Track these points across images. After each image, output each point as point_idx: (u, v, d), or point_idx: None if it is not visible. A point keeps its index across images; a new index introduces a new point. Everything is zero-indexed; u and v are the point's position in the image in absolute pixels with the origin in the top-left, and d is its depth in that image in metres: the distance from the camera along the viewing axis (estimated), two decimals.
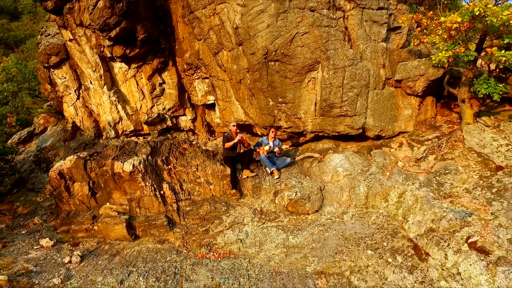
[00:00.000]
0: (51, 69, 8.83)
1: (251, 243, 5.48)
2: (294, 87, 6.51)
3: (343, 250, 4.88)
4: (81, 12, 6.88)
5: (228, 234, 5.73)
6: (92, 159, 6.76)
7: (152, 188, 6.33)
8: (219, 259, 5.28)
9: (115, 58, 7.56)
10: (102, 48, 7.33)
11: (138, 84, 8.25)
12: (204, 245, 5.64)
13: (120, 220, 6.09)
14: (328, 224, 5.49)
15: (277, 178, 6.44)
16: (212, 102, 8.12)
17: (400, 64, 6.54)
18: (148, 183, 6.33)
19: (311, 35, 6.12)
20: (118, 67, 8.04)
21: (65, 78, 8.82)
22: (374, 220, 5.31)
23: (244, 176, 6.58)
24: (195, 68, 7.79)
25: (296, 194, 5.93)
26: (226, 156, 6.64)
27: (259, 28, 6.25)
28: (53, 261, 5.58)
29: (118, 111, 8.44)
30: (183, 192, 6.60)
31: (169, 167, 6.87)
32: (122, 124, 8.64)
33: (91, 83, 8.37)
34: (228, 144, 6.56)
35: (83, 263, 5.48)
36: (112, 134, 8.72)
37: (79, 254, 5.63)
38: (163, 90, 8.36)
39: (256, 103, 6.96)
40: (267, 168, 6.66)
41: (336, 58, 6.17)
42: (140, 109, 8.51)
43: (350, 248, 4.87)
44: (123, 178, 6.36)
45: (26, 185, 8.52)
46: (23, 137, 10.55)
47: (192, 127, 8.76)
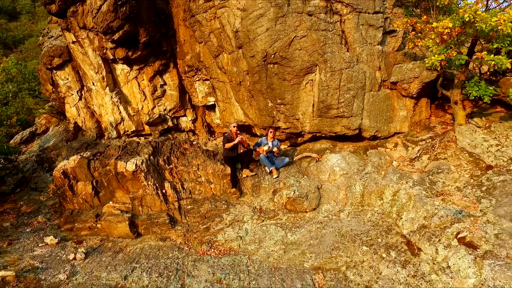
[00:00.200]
0: (54, 70, 8.99)
1: (250, 240, 5.65)
2: (293, 89, 6.69)
3: (339, 246, 5.07)
4: (84, 15, 7.05)
5: (228, 231, 5.90)
6: (96, 158, 6.92)
7: (154, 187, 6.49)
8: (220, 256, 5.44)
9: (118, 60, 7.72)
10: (105, 50, 7.50)
11: (139, 86, 8.42)
12: (205, 242, 5.80)
13: (123, 218, 6.25)
14: (325, 222, 5.67)
15: (276, 177, 6.63)
16: (213, 103, 8.30)
17: (395, 67, 6.72)
18: (151, 182, 6.50)
19: (309, 38, 6.31)
20: (120, 68, 8.20)
21: (67, 80, 8.97)
22: (370, 217, 5.51)
23: (244, 175, 6.76)
24: (196, 70, 7.96)
25: (294, 193, 6.11)
26: (226, 156, 6.82)
27: (258, 32, 6.43)
28: (58, 258, 5.73)
29: (120, 112, 8.61)
30: (185, 191, 6.77)
31: (170, 166, 7.04)
32: (123, 125, 8.80)
33: (93, 84, 8.53)
34: (228, 145, 6.74)
35: (88, 259, 5.63)
36: (114, 134, 8.88)
37: (83, 251, 5.79)
38: (164, 92, 8.53)
39: (255, 104, 7.14)
40: (266, 168, 6.85)
41: (333, 60, 6.36)
42: (142, 110, 8.68)
43: (346, 245, 5.06)
44: (126, 177, 6.53)
45: (29, 184, 8.67)
46: (25, 137, 10.70)
47: (192, 128, 8.94)
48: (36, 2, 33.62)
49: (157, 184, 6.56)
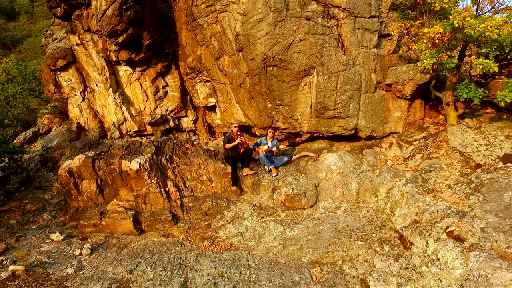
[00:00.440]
0: (58, 71, 9.16)
1: (250, 236, 5.87)
2: (291, 91, 6.93)
3: (336, 241, 5.30)
4: (89, 18, 7.25)
5: (229, 228, 6.12)
6: (100, 158, 7.12)
7: (157, 185, 6.71)
8: (221, 251, 5.65)
9: (121, 62, 7.93)
10: (109, 53, 7.70)
11: (142, 87, 8.62)
12: (207, 238, 6.01)
13: (127, 215, 6.45)
14: (322, 218, 5.91)
15: (275, 176, 6.86)
16: (213, 104, 8.52)
17: (390, 69, 6.95)
18: (154, 181, 6.71)
19: (307, 42, 6.55)
20: (123, 70, 8.41)
21: (71, 81, 9.16)
22: (365, 213, 5.75)
23: (244, 174, 6.99)
24: (197, 72, 8.18)
25: (292, 191, 6.35)
26: (227, 155, 7.05)
27: (258, 36, 6.66)
28: (64, 253, 5.91)
29: (123, 112, 8.81)
30: (187, 189, 6.99)
31: (173, 165, 7.26)
32: (126, 125, 9.01)
33: (96, 85, 8.73)
34: (229, 146, 6.97)
35: (93, 255, 5.82)
36: (116, 134, 9.08)
37: (89, 247, 5.98)
38: (166, 93, 8.74)
39: (255, 105, 7.37)
40: (265, 167, 7.08)
41: (330, 63, 6.60)
42: (144, 110, 8.88)
43: (342, 240, 5.29)
44: (130, 176, 6.74)
45: (33, 183, 8.83)
46: (28, 137, 10.87)
47: (193, 128, 9.15)
48: (34, 2, 33.66)
49: (160, 183, 6.77)
